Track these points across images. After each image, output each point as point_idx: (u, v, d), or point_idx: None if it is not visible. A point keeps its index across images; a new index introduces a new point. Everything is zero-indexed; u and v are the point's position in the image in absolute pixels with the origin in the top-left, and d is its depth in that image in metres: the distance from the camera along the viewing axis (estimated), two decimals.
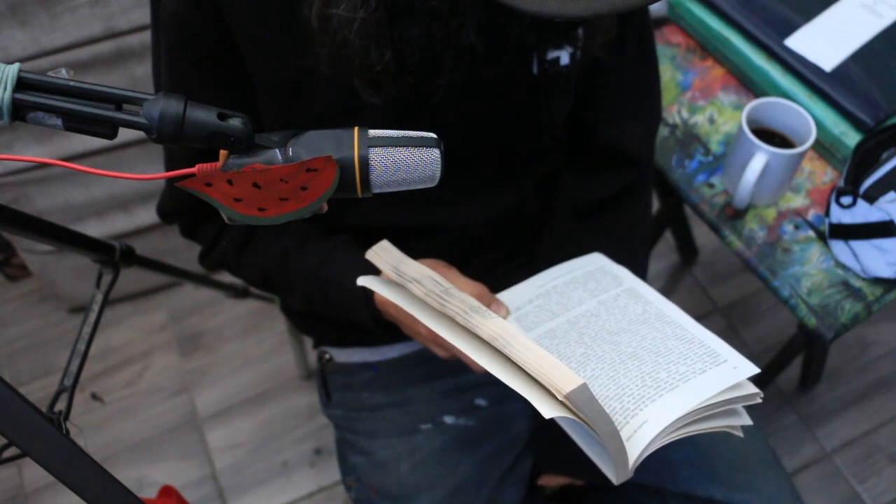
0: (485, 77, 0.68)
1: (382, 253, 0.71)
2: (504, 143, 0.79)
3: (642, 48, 0.83)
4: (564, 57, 0.73)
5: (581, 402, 0.53)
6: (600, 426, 0.56)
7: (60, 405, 0.77)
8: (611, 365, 0.67)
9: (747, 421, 0.65)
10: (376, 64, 0.61)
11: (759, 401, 0.64)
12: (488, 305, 0.73)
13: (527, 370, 0.55)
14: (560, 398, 0.53)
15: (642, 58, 0.83)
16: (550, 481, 0.91)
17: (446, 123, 0.70)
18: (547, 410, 0.53)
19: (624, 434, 0.60)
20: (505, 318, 0.75)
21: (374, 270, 0.75)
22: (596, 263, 0.82)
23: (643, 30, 0.81)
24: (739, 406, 0.64)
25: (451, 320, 0.63)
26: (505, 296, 0.79)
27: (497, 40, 0.66)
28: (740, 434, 0.66)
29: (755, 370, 0.63)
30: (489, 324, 0.58)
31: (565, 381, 0.52)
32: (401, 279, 0.67)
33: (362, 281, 0.71)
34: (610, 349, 0.69)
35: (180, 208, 0.83)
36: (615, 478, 0.62)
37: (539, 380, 0.54)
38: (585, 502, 0.96)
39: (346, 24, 0.59)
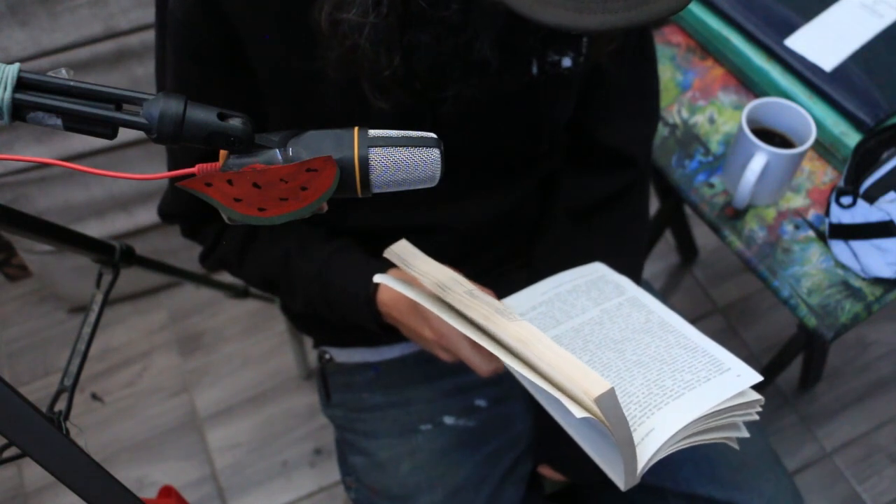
0: (495, 89, 0.68)
1: (400, 252, 0.70)
2: (505, 146, 0.79)
3: (642, 49, 0.83)
4: (567, 60, 0.73)
5: (607, 406, 0.53)
6: (619, 431, 0.56)
7: (60, 405, 0.77)
8: (616, 373, 0.67)
9: (744, 434, 0.66)
10: (385, 69, 0.61)
11: (760, 408, 0.64)
12: None
13: (552, 372, 0.55)
14: (588, 401, 0.53)
15: (642, 59, 0.83)
16: (546, 472, 0.91)
17: (449, 127, 0.70)
18: (577, 411, 0.54)
19: None
20: None
21: (380, 271, 0.75)
22: (597, 272, 0.81)
23: (643, 31, 0.81)
24: (740, 421, 0.65)
25: (468, 320, 0.63)
26: (507, 302, 0.79)
27: (509, 53, 0.66)
28: (736, 447, 0.67)
29: (758, 378, 0.64)
30: (515, 325, 0.58)
31: (595, 384, 0.52)
32: (421, 278, 0.67)
33: (378, 278, 0.71)
34: (615, 357, 0.69)
35: (182, 210, 0.83)
36: (623, 484, 0.63)
37: (565, 382, 0.54)
38: (585, 502, 0.96)
39: (357, 28, 0.59)
